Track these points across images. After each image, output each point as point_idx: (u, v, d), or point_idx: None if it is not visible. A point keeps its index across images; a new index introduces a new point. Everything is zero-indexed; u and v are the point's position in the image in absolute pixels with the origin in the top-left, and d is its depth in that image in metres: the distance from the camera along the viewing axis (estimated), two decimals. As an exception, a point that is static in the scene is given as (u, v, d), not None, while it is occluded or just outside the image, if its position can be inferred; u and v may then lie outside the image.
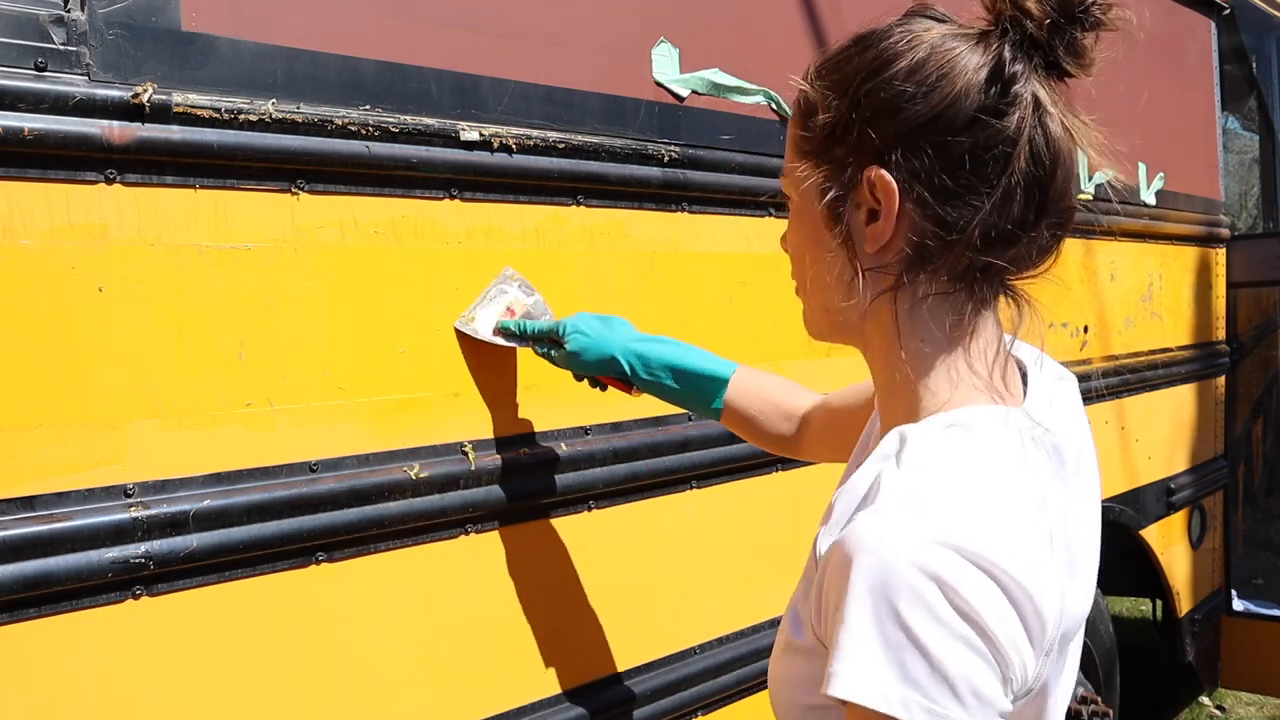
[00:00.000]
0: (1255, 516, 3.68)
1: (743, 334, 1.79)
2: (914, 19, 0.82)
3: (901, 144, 0.78)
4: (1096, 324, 2.81)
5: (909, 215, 0.80)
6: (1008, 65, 0.77)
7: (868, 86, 0.80)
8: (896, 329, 0.83)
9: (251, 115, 1.18)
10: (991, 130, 0.76)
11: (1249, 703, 4.21)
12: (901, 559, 0.68)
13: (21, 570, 1.03)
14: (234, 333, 1.19)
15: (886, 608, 0.68)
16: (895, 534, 0.69)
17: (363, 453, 1.30)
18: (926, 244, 0.80)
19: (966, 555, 0.68)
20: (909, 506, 0.71)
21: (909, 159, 0.78)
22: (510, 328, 1.40)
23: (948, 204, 0.78)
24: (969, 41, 0.79)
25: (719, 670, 1.74)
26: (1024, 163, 0.77)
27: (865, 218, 0.82)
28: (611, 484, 1.57)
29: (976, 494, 0.73)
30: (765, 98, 1.80)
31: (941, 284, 0.81)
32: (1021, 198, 0.78)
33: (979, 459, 0.76)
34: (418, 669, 1.36)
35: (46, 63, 1.05)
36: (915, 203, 0.79)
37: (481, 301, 1.40)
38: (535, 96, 1.47)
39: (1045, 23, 0.76)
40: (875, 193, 0.80)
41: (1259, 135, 4.10)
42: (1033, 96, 0.77)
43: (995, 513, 0.72)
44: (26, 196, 1.04)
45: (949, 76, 0.77)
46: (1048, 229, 0.81)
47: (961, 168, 0.77)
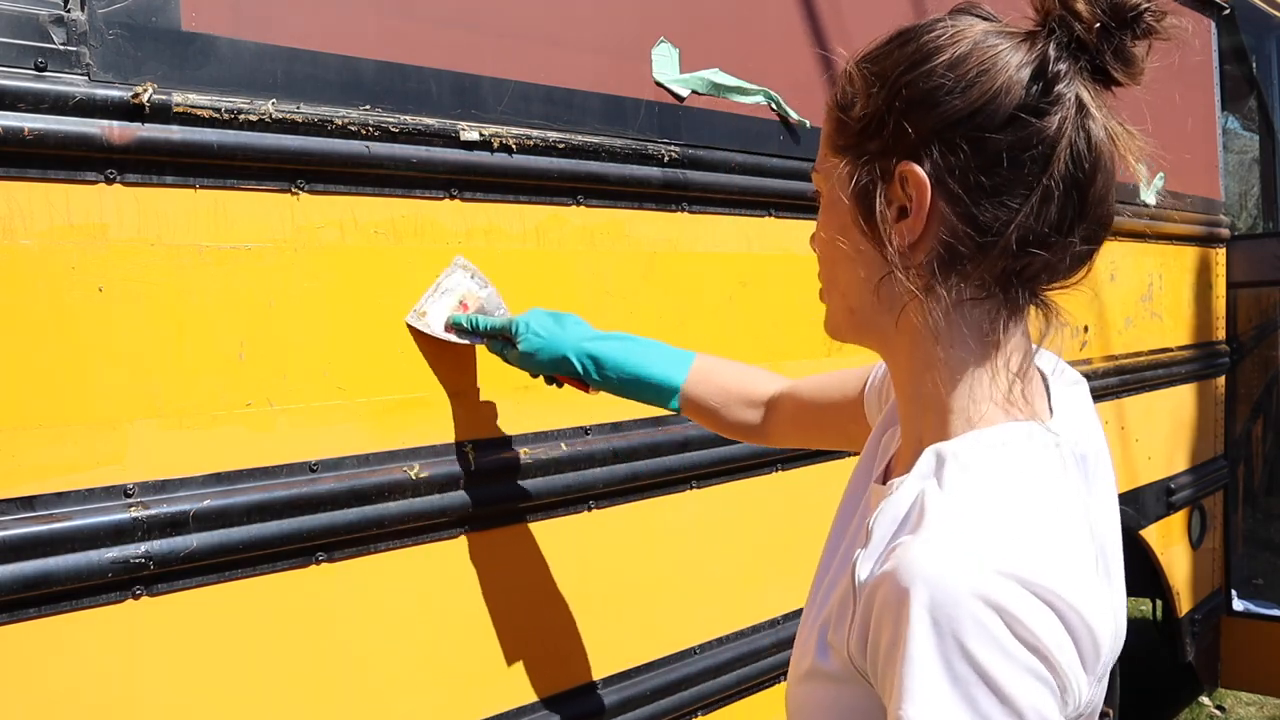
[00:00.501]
0: (1255, 516, 3.68)
1: (743, 334, 1.79)
2: (959, 15, 0.80)
3: (937, 139, 0.76)
4: (1096, 324, 2.81)
5: (941, 213, 0.77)
6: (1051, 64, 0.74)
7: (907, 79, 0.77)
8: (927, 334, 0.80)
9: (251, 115, 1.18)
10: (1031, 129, 0.74)
11: (1249, 703, 4.21)
12: (963, 591, 0.66)
13: (21, 570, 1.03)
14: (234, 333, 1.19)
15: (952, 643, 0.66)
16: (954, 565, 0.67)
17: (363, 453, 1.30)
18: (958, 245, 0.77)
19: (1027, 585, 0.67)
20: (963, 534, 0.69)
21: (944, 155, 0.76)
22: (462, 323, 1.36)
23: (982, 203, 0.76)
24: (1014, 40, 0.76)
25: (719, 670, 1.74)
26: (1064, 165, 0.75)
27: (896, 214, 0.79)
28: (611, 484, 1.57)
29: (1028, 519, 0.71)
30: (765, 98, 1.80)
31: (974, 289, 0.78)
32: (1059, 201, 0.75)
33: (1024, 480, 0.74)
34: (418, 669, 1.36)
35: (46, 63, 1.05)
36: (948, 200, 0.77)
37: (433, 293, 1.36)
38: (535, 96, 1.47)
39: (1094, 26, 0.74)
40: (907, 188, 0.78)
41: (1259, 135, 4.10)
42: (1076, 98, 0.75)
43: (1048, 538, 0.71)
44: (26, 196, 1.04)
45: (990, 72, 0.75)
46: (1084, 236, 0.78)
47: (998, 166, 0.75)
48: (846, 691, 0.77)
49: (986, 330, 0.80)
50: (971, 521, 0.70)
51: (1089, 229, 0.78)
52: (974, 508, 0.71)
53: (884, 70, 0.79)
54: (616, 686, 1.60)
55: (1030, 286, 0.80)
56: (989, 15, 0.80)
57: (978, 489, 0.73)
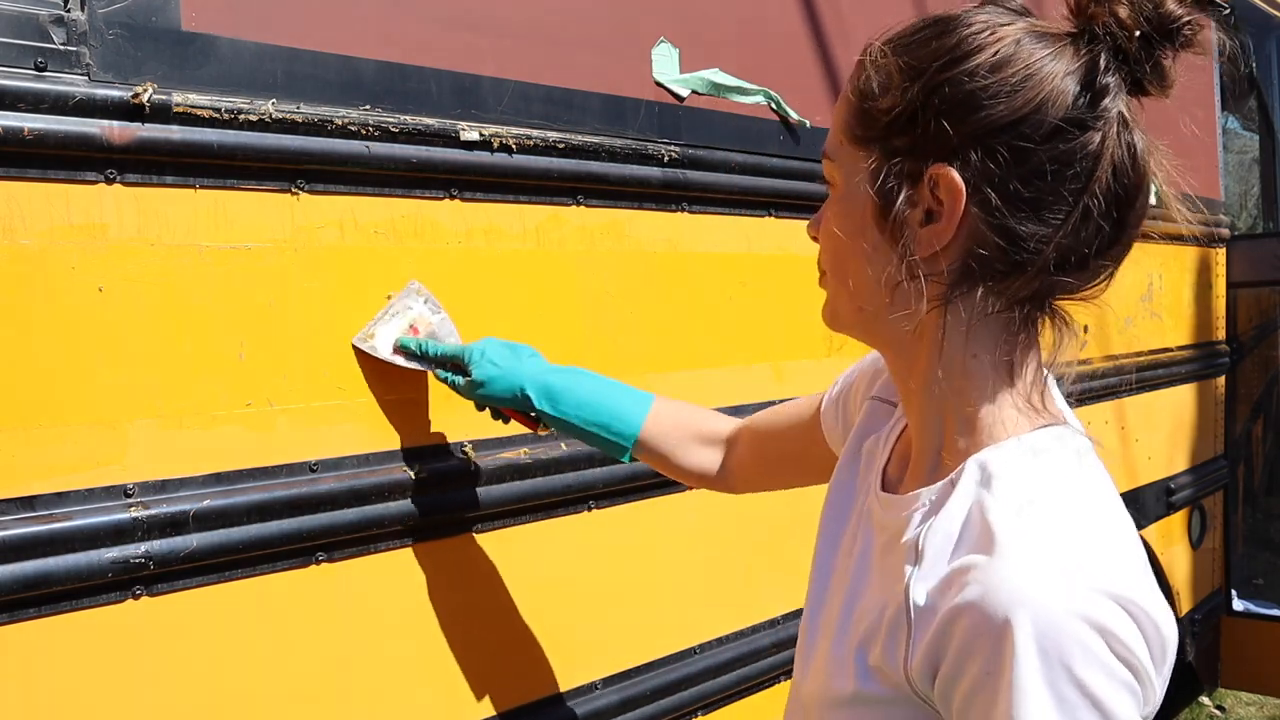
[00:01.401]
0: (1255, 516, 3.68)
1: (743, 334, 1.79)
2: (993, 9, 0.76)
3: (977, 144, 0.72)
4: (1096, 324, 2.81)
5: (972, 222, 0.74)
6: (1100, 76, 0.72)
7: (945, 76, 0.73)
8: (949, 341, 0.78)
9: (251, 115, 1.18)
10: (1076, 143, 0.72)
11: (1249, 703, 4.21)
12: (1065, 614, 0.65)
13: (21, 570, 1.03)
14: (234, 333, 1.19)
15: (1060, 669, 0.65)
16: (1052, 587, 0.66)
17: (363, 453, 1.30)
18: (989, 257, 0.74)
19: (1117, 599, 0.66)
20: (1048, 554, 0.68)
21: (983, 161, 0.72)
22: (410, 346, 1.29)
23: (1019, 216, 0.73)
24: (1056, 44, 0.73)
25: (719, 670, 1.74)
26: (1106, 182, 0.73)
27: (921, 218, 0.76)
28: (611, 484, 1.57)
29: (1099, 530, 0.71)
30: (765, 98, 1.80)
31: (1000, 302, 0.76)
32: (1098, 219, 0.73)
33: (1079, 489, 0.74)
34: (418, 669, 1.36)
35: (46, 63, 1.05)
36: (981, 209, 0.73)
37: (383, 317, 1.30)
38: (535, 96, 1.47)
39: (1135, 35, 0.72)
40: (937, 192, 0.74)
41: (1259, 135, 4.10)
42: (1119, 113, 0.73)
43: (1119, 547, 0.71)
44: (26, 196, 1.04)
45: (1036, 79, 0.71)
46: (1119, 255, 0.77)
47: (1039, 178, 0.72)
48: (897, 713, 0.75)
49: (1006, 338, 0.78)
50: (1051, 539, 0.69)
51: (1122, 247, 0.77)
52: (1047, 524, 0.70)
53: (919, 63, 0.75)
54: (616, 686, 1.60)
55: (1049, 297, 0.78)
56: (1022, 10, 0.77)
57: (1042, 504, 0.71)
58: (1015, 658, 0.65)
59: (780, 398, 1.84)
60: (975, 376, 0.78)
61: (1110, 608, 0.66)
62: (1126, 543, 0.71)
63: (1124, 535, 0.72)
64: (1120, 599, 0.66)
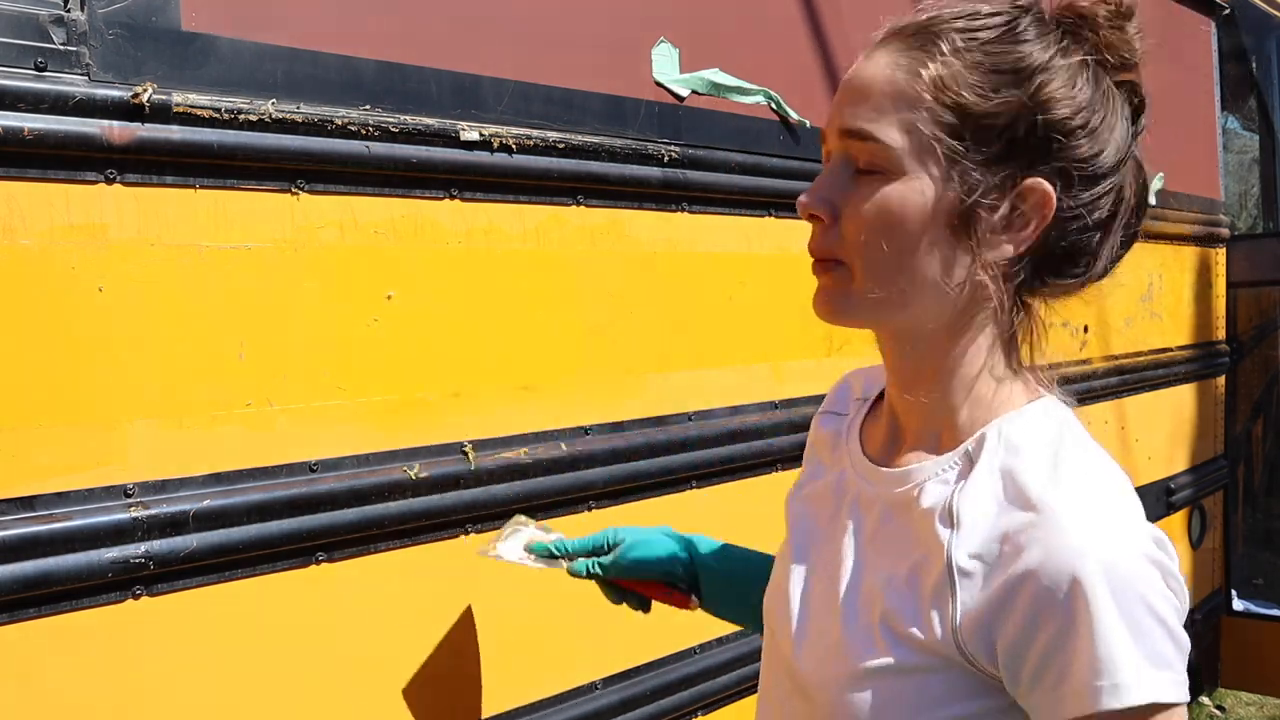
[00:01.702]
0: (1255, 516, 3.68)
1: (743, 334, 1.79)
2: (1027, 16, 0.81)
3: (1068, 165, 0.79)
4: (1096, 324, 2.81)
5: (1045, 232, 0.81)
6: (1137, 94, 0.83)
7: (1044, 96, 0.78)
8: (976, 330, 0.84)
9: (251, 115, 1.18)
10: (1122, 174, 0.82)
11: (1249, 703, 4.21)
12: (1129, 557, 0.72)
13: (21, 570, 1.03)
14: (234, 333, 1.19)
15: (1133, 604, 0.71)
16: (1112, 537, 0.73)
17: (363, 453, 1.30)
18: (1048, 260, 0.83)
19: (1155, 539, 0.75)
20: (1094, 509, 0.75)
21: (1066, 181, 0.79)
22: (546, 549, 1.28)
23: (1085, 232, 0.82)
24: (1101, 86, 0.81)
25: (719, 670, 1.74)
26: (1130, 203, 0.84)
27: (1000, 223, 0.80)
28: (611, 484, 1.57)
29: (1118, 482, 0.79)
30: (765, 98, 1.80)
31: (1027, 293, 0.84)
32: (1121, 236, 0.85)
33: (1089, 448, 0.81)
34: (418, 669, 1.36)
35: (46, 63, 1.05)
36: (1055, 223, 0.81)
37: (499, 538, 1.33)
38: (535, 96, 1.47)
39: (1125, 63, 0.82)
40: (1025, 201, 0.80)
41: (1259, 135, 4.10)
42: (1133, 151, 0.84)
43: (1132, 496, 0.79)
44: (26, 196, 1.04)
45: (1115, 129, 0.81)
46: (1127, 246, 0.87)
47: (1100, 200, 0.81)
48: (934, 680, 0.78)
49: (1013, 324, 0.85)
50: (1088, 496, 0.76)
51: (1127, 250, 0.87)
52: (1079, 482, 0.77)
53: (1013, 69, 0.79)
54: (616, 686, 1.60)
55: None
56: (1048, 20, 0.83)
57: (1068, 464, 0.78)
58: (1090, 606, 0.70)
59: (780, 398, 1.84)
60: (988, 358, 0.85)
61: (1154, 546, 0.74)
62: (1130, 489, 0.79)
63: (1127, 483, 0.80)
64: (1156, 537, 0.75)
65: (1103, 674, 0.71)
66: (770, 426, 1.80)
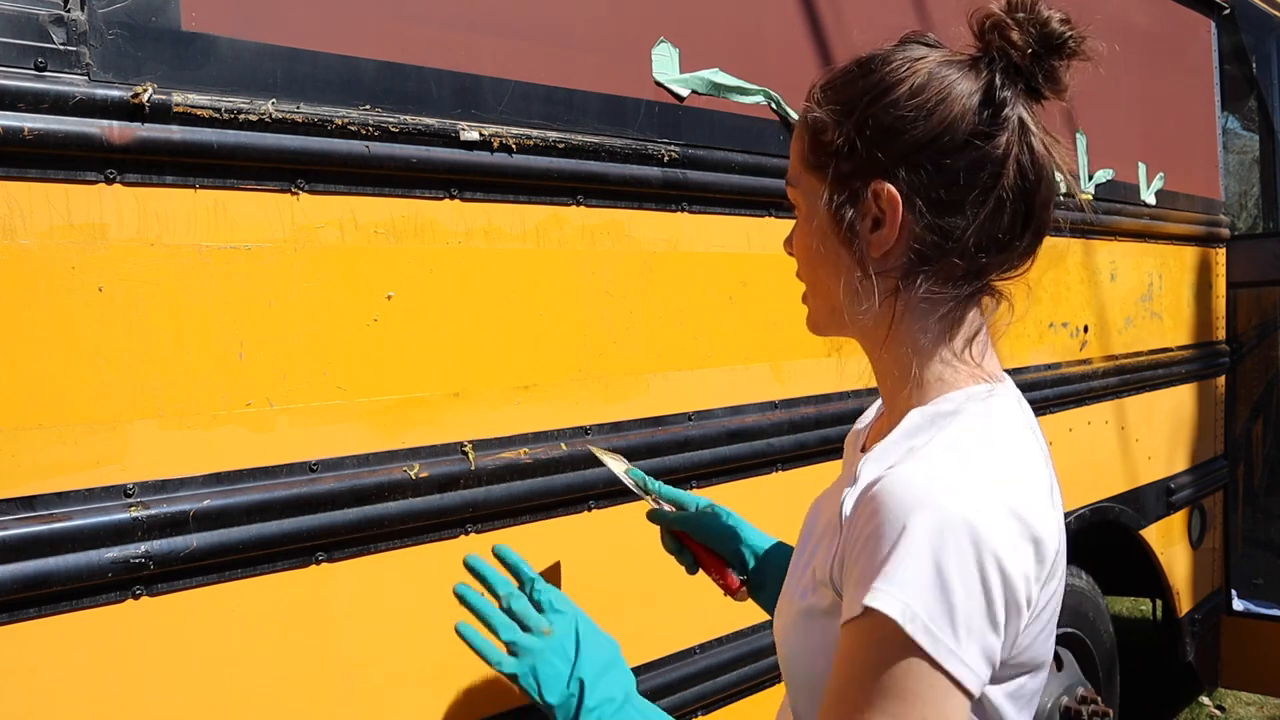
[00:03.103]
0: (1255, 516, 3.68)
1: (743, 334, 1.79)
2: (909, 45, 0.91)
3: (904, 162, 0.87)
4: (1096, 324, 2.81)
5: (909, 225, 0.89)
6: (998, 91, 0.86)
7: (873, 110, 0.88)
8: (900, 324, 0.92)
9: (251, 115, 1.18)
10: (982, 151, 0.86)
11: (1249, 703, 4.21)
12: (948, 505, 0.78)
13: (21, 570, 1.03)
14: (234, 333, 1.19)
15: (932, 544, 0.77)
16: (941, 482, 0.80)
17: (363, 453, 1.30)
18: (925, 250, 0.89)
19: (1006, 510, 0.80)
20: (948, 461, 0.82)
21: (911, 174, 0.87)
22: (640, 479, 1.36)
23: (944, 215, 0.88)
24: (961, 69, 0.88)
25: (719, 670, 1.74)
26: (1012, 178, 0.87)
27: (870, 226, 0.90)
28: (611, 484, 1.56)
29: (1001, 455, 0.85)
30: (765, 98, 1.80)
31: (937, 285, 0.90)
32: (1010, 209, 0.88)
33: (995, 426, 0.87)
34: (418, 669, 1.36)
35: (46, 63, 1.05)
36: (915, 213, 0.88)
37: (611, 454, 1.43)
38: (535, 96, 1.47)
39: (1027, 53, 0.86)
40: (880, 203, 0.89)
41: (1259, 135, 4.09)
42: (1019, 119, 0.87)
43: (1018, 470, 0.85)
44: (26, 196, 1.04)
45: (946, 101, 0.86)
46: (1036, 237, 0.91)
47: (956, 183, 0.87)
48: (834, 625, 0.85)
49: (947, 314, 0.92)
50: (955, 455, 0.83)
51: (1035, 230, 0.90)
52: (955, 445, 0.84)
53: (851, 100, 0.90)
54: (616, 686, 1.60)
55: (983, 278, 0.92)
56: (936, 43, 0.92)
57: (957, 432, 0.86)
58: (898, 529, 0.78)
59: (780, 398, 1.85)
60: (924, 349, 0.92)
61: (1001, 518, 0.79)
62: (1023, 471, 0.85)
63: (1022, 465, 0.86)
64: (1012, 511, 0.80)
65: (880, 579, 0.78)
66: (770, 426, 1.80)
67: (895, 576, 0.77)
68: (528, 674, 1.08)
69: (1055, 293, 2.61)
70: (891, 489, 0.80)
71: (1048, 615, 0.88)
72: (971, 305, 0.93)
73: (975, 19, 0.88)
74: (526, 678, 1.08)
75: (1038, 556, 0.82)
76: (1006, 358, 2.43)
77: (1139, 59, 2.95)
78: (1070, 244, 2.68)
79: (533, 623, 1.11)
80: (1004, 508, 0.80)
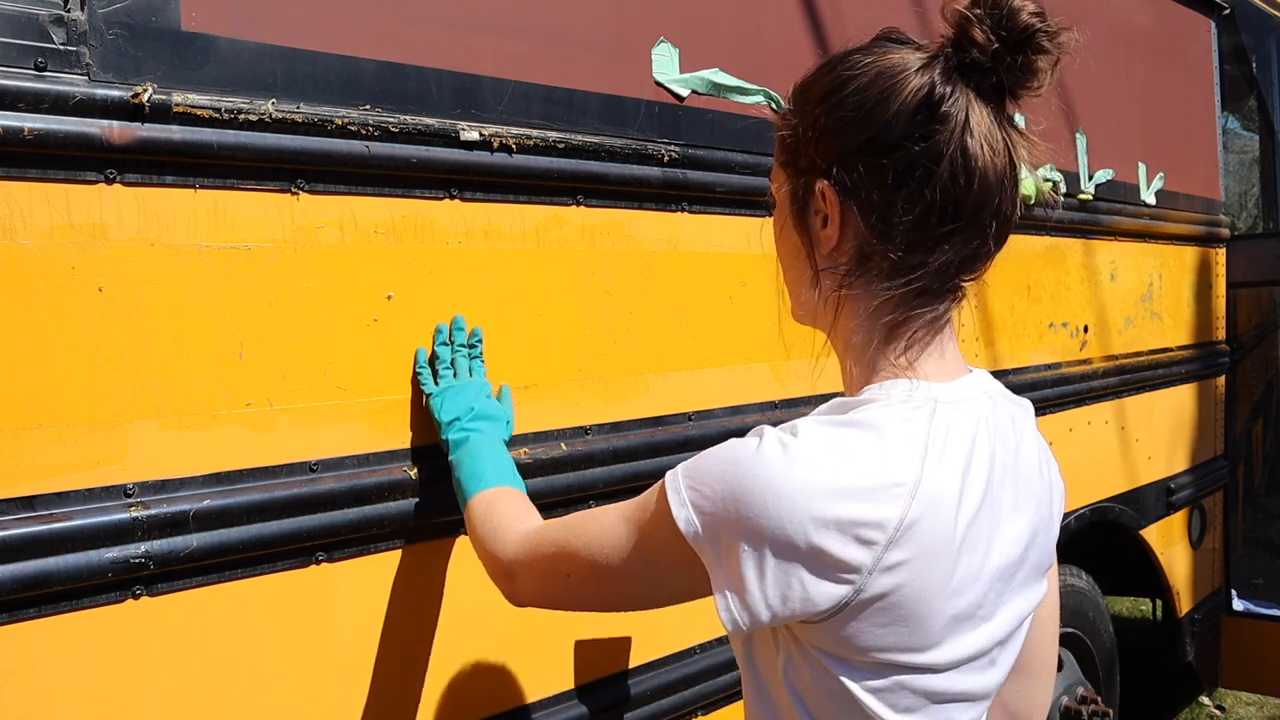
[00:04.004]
0: (1255, 516, 3.68)
1: (743, 334, 1.79)
2: (880, 43, 0.91)
3: (840, 162, 0.89)
4: (1096, 324, 2.81)
5: (852, 224, 0.90)
6: (937, 90, 0.85)
7: (818, 110, 0.90)
8: (840, 320, 0.94)
9: (251, 115, 1.18)
10: (914, 152, 0.85)
11: (1249, 703, 4.21)
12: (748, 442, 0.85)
13: (21, 570, 1.03)
14: (234, 333, 1.19)
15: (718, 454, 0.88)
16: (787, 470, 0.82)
17: (363, 453, 1.30)
18: (865, 250, 0.90)
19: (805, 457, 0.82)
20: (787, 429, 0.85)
21: (846, 175, 0.88)
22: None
23: (878, 215, 0.88)
24: (914, 67, 0.86)
25: (719, 670, 1.74)
26: (944, 180, 0.85)
27: (820, 223, 0.92)
28: (611, 484, 1.57)
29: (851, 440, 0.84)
30: (765, 98, 1.80)
31: (878, 283, 0.91)
32: (938, 212, 0.86)
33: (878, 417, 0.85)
34: (417, 669, 1.36)
35: (46, 63, 1.05)
36: (854, 214, 0.89)
37: None
38: (535, 96, 1.47)
39: (990, 49, 0.83)
40: (825, 202, 0.91)
41: (1259, 135, 4.09)
42: (964, 119, 0.84)
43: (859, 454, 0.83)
44: (26, 196, 1.04)
45: (885, 102, 0.86)
46: (970, 239, 0.88)
47: (887, 184, 0.87)
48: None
49: (882, 313, 0.91)
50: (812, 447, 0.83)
51: (973, 232, 0.88)
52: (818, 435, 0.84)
53: (806, 99, 0.92)
54: (617, 686, 1.60)
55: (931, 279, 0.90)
56: (905, 39, 0.90)
57: (826, 416, 0.87)
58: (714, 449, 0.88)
59: (780, 398, 1.85)
60: (855, 344, 0.94)
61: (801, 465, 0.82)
62: (871, 458, 0.82)
63: (883, 457, 0.83)
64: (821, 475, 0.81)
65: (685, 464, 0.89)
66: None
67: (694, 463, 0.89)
68: (439, 399, 1.32)
69: (1055, 293, 2.61)
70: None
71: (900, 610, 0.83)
72: (915, 305, 0.91)
73: (945, 12, 0.86)
74: (436, 399, 1.32)
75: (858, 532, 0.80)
76: (1007, 358, 2.44)
77: (1139, 59, 2.95)
78: (1070, 244, 2.68)
79: (459, 372, 1.36)
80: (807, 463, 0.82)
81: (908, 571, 0.82)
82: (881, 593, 0.81)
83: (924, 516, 0.82)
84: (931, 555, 0.82)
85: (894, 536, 0.81)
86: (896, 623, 0.83)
